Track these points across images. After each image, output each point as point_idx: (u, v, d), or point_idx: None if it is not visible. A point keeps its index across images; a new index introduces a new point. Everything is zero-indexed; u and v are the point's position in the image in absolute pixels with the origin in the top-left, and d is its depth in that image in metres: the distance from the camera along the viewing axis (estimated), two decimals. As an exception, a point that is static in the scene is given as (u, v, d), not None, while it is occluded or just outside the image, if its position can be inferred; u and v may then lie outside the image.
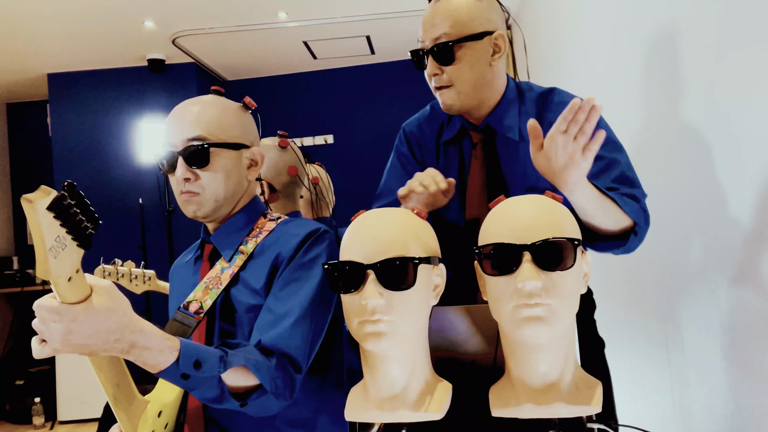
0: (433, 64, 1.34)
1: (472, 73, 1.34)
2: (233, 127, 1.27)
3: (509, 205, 0.91)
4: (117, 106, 4.88)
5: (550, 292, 0.84)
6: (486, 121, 1.41)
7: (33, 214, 0.76)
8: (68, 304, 0.85)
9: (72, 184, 0.80)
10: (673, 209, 1.68)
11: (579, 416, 0.91)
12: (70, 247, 0.81)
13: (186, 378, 0.99)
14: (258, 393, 1.09)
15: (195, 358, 0.99)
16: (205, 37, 4.40)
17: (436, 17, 1.33)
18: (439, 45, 1.32)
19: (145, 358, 0.95)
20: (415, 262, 0.90)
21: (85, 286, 0.88)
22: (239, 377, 1.07)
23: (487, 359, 1.06)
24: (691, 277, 1.67)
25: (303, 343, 1.16)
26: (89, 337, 0.87)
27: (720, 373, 1.53)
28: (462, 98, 1.36)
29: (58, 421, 4.52)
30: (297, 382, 1.14)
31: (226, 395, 1.05)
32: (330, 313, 1.25)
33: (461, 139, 1.45)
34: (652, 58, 1.88)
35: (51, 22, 3.91)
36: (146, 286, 2.28)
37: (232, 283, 1.25)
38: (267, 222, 1.32)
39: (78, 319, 0.86)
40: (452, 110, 1.38)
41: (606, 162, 1.29)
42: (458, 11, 1.32)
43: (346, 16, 4.20)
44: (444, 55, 1.32)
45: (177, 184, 1.26)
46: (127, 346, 0.92)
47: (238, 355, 1.06)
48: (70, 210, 0.79)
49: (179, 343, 0.99)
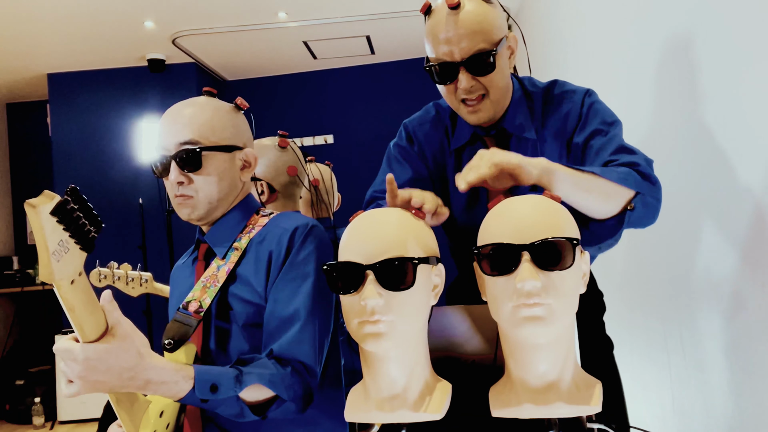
0: (468, 76, 1.27)
1: (503, 79, 1.32)
2: (225, 129, 1.27)
3: (508, 205, 0.91)
4: (117, 107, 4.88)
5: (549, 292, 0.84)
6: (499, 124, 1.39)
7: (36, 219, 0.77)
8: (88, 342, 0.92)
9: (75, 189, 0.81)
10: (674, 210, 1.68)
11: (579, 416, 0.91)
12: (73, 251, 0.82)
13: (205, 402, 1.04)
14: (277, 403, 1.13)
15: (211, 383, 1.04)
16: (205, 37, 4.40)
17: (463, 28, 1.25)
18: (477, 55, 1.25)
19: (163, 391, 1.01)
20: (414, 262, 0.90)
21: (101, 321, 0.93)
22: (256, 392, 1.11)
23: (487, 359, 1.06)
24: (691, 277, 1.67)
25: (312, 347, 1.19)
26: (104, 374, 0.93)
27: (720, 373, 1.53)
28: (495, 107, 1.33)
29: (58, 421, 4.52)
30: (313, 387, 1.18)
31: (245, 411, 1.09)
32: (332, 307, 1.26)
33: (473, 145, 1.43)
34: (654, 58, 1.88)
35: (51, 22, 3.91)
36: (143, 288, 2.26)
37: (230, 280, 1.26)
38: (260, 218, 1.33)
39: (91, 358, 0.92)
40: (483, 122, 1.35)
41: (605, 139, 1.27)
42: (487, 19, 1.26)
43: (346, 16, 4.20)
44: (484, 65, 1.26)
45: (171, 188, 1.27)
46: (143, 382, 0.98)
47: (252, 373, 1.09)
48: (73, 214, 0.80)
49: (193, 371, 1.04)
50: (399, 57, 5.20)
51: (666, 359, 1.87)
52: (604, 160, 1.23)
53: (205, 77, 5.12)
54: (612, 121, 1.30)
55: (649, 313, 2.01)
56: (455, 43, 1.25)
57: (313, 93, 5.40)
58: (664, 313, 1.89)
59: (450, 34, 1.25)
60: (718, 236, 1.51)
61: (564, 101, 1.36)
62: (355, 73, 5.37)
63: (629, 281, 2.15)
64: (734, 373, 1.47)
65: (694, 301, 1.65)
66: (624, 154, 1.22)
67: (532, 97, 1.40)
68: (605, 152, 1.24)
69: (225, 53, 4.80)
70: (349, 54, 5.05)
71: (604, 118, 1.30)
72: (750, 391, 1.39)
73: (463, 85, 1.28)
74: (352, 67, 5.37)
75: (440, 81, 1.31)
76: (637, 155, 1.21)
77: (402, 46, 4.91)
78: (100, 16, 3.88)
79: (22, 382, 4.72)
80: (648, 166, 1.20)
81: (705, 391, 1.61)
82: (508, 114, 1.38)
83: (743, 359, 1.42)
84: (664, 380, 1.88)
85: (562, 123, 1.35)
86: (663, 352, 1.88)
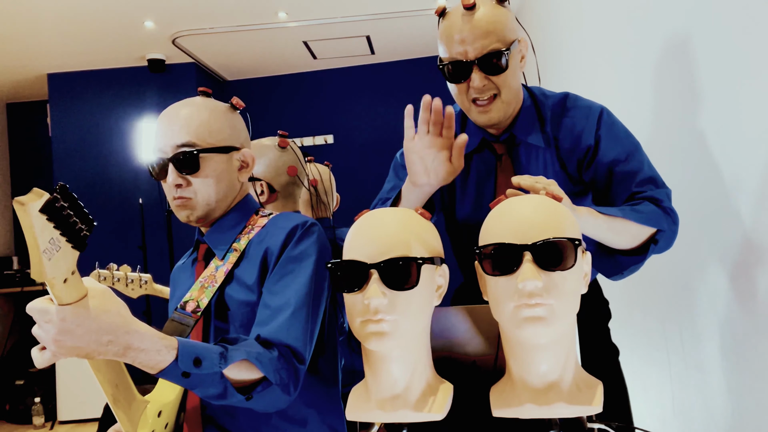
0: (481, 75, 1.30)
1: (515, 80, 1.34)
2: (222, 130, 1.27)
3: (510, 206, 0.91)
4: (117, 106, 4.88)
5: (551, 292, 0.84)
6: (508, 131, 1.40)
7: (26, 217, 0.76)
8: (62, 305, 0.86)
9: (64, 186, 0.80)
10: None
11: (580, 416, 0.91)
12: (65, 249, 0.82)
13: (187, 376, 0.98)
14: (262, 386, 1.08)
15: (194, 356, 0.98)
16: (205, 37, 4.40)
17: (477, 28, 1.28)
18: (490, 54, 1.28)
19: (143, 359, 0.94)
20: (418, 262, 0.90)
21: (81, 288, 0.88)
22: (242, 371, 1.06)
23: (488, 359, 1.06)
24: (691, 277, 1.67)
25: (302, 333, 1.16)
26: (80, 338, 0.87)
27: (720, 373, 1.53)
28: (506, 108, 1.34)
29: (58, 421, 4.52)
30: (301, 373, 1.14)
31: (229, 390, 1.04)
32: (323, 304, 1.26)
33: (481, 151, 1.44)
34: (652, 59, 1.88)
35: (51, 22, 3.91)
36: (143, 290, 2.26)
37: (227, 280, 1.25)
38: (259, 218, 1.32)
39: (67, 319, 0.86)
40: (493, 123, 1.36)
41: (628, 167, 1.31)
42: (501, 20, 1.30)
43: (346, 16, 4.20)
44: (496, 65, 1.29)
45: (169, 190, 1.26)
46: (122, 348, 0.91)
47: (238, 349, 1.05)
48: (63, 212, 0.79)
49: (177, 342, 0.98)
50: (399, 57, 5.20)
51: (666, 359, 1.87)
52: (629, 191, 1.30)
53: (205, 77, 5.12)
54: (633, 145, 1.34)
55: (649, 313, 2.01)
56: (469, 43, 1.29)
57: (313, 93, 5.40)
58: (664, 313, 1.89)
59: (465, 33, 1.29)
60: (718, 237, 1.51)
61: (577, 118, 1.37)
62: (355, 73, 5.37)
63: (629, 281, 2.14)
64: (734, 373, 1.47)
65: (694, 302, 1.65)
66: (650, 185, 1.29)
67: (543, 107, 1.41)
68: (630, 182, 1.30)
69: (225, 53, 4.80)
70: (349, 54, 5.06)
71: (625, 143, 1.34)
72: (750, 391, 1.39)
73: (475, 84, 1.30)
74: (352, 67, 5.37)
75: (453, 80, 1.33)
76: (660, 189, 1.29)
77: (402, 46, 4.91)
78: (100, 16, 3.88)
79: (22, 382, 4.72)
80: (669, 200, 1.28)
81: (705, 391, 1.61)
82: (518, 121, 1.39)
83: (743, 359, 1.42)
84: (664, 380, 1.88)
85: (576, 139, 1.36)
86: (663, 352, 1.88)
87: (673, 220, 1.27)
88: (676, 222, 1.28)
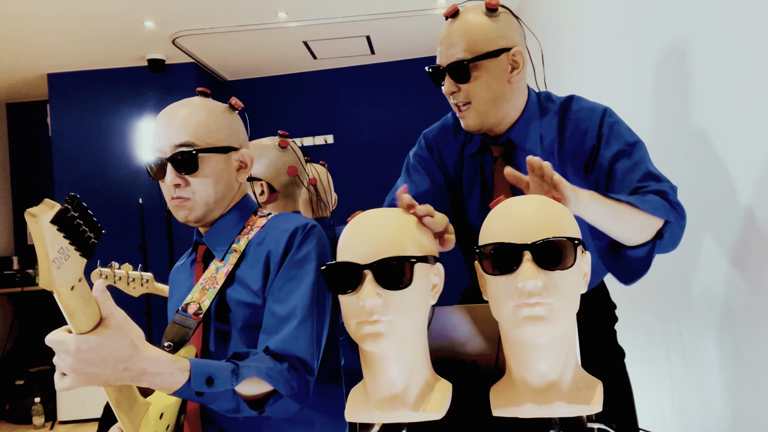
0: (450, 82, 1.36)
1: (488, 91, 1.35)
2: (221, 130, 1.27)
3: (509, 205, 0.91)
4: (117, 106, 4.88)
5: (551, 292, 0.84)
6: (506, 136, 1.41)
7: (37, 228, 0.77)
8: (81, 334, 0.89)
9: (75, 196, 0.81)
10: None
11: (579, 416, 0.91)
12: (73, 257, 0.83)
13: (200, 395, 1.02)
14: (274, 398, 1.12)
15: (207, 375, 1.02)
16: (205, 37, 4.40)
17: (453, 37, 1.34)
18: (455, 63, 1.34)
19: (158, 382, 0.98)
20: (411, 261, 0.90)
21: (94, 309, 0.90)
22: (253, 386, 1.09)
23: (488, 359, 1.06)
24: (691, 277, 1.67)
25: (310, 343, 1.19)
26: (96, 366, 0.91)
27: (720, 373, 1.53)
28: (481, 117, 1.37)
29: (58, 421, 4.52)
30: (310, 383, 1.17)
31: (242, 406, 1.08)
32: (328, 307, 1.26)
33: (482, 153, 1.46)
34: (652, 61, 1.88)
35: (51, 22, 3.91)
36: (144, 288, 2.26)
37: (228, 282, 1.25)
38: (258, 219, 1.32)
39: (83, 349, 0.89)
40: (472, 130, 1.40)
41: (630, 163, 1.29)
42: (474, 30, 1.33)
43: (346, 16, 4.20)
44: (460, 74, 1.34)
45: (167, 190, 1.27)
46: (137, 374, 0.95)
47: (249, 366, 1.08)
48: (73, 222, 0.80)
49: (189, 363, 1.02)
50: (399, 57, 5.20)
51: (666, 359, 1.87)
52: (632, 186, 1.26)
53: (205, 77, 5.12)
54: (635, 142, 1.32)
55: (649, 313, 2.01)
56: (444, 50, 1.36)
57: (312, 93, 5.40)
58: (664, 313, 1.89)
59: (443, 41, 1.37)
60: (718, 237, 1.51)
61: (582, 119, 1.37)
62: (355, 73, 5.37)
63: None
64: (734, 374, 1.47)
65: (694, 302, 1.65)
66: (652, 181, 1.26)
67: (548, 111, 1.41)
68: (632, 177, 1.27)
69: (225, 53, 4.80)
70: (349, 54, 5.05)
71: (626, 139, 1.32)
72: (750, 391, 1.39)
73: (444, 89, 1.38)
74: (352, 67, 5.37)
75: (435, 83, 1.41)
76: (663, 183, 1.25)
77: (402, 46, 4.91)
78: (100, 16, 3.88)
79: (22, 382, 4.72)
80: (674, 194, 1.24)
81: (705, 391, 1.61)
82: (516, 126, 1.40)
83: (743, 359, 1.42)
84: (664, 380, 1.88)
85: (580, 141, 1.36)
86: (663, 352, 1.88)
87: (680, 215, 1.22)
88: (683, 217, 1.23)
